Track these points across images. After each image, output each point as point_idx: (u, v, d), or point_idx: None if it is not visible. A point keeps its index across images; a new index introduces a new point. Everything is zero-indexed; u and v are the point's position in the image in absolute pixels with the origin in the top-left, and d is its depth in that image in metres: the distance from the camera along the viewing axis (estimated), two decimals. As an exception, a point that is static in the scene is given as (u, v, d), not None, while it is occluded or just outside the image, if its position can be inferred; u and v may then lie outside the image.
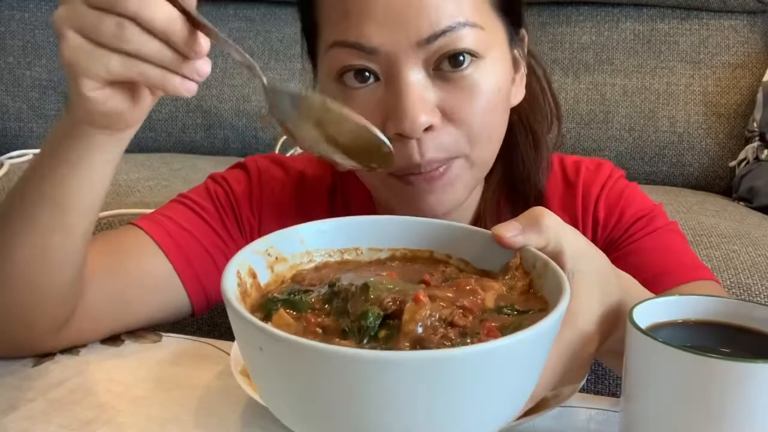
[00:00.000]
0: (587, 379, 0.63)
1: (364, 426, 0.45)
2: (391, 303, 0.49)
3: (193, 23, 0.53)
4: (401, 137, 0.69)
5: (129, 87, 0.58)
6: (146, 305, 0.78)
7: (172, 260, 0.78)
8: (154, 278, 0.78)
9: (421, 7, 0.67)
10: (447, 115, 0.70)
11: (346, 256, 0.61)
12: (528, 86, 0.83)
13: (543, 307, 0.51)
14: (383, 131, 0.69)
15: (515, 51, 0.78)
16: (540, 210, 0.55)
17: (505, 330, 0.49)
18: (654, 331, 0.49)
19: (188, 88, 0.56)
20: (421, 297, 0.49)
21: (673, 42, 1.87)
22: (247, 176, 0.88)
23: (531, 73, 0.84)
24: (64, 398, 0.66)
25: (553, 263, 0.53)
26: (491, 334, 0.48)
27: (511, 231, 0.55)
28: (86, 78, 0.54)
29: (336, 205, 0.88)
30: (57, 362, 0.73)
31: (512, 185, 0.85)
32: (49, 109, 2.22)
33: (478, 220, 0.84)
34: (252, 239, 0.86)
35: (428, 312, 0.48)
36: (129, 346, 0.77)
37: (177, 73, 0.55)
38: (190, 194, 0.86)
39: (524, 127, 0.84)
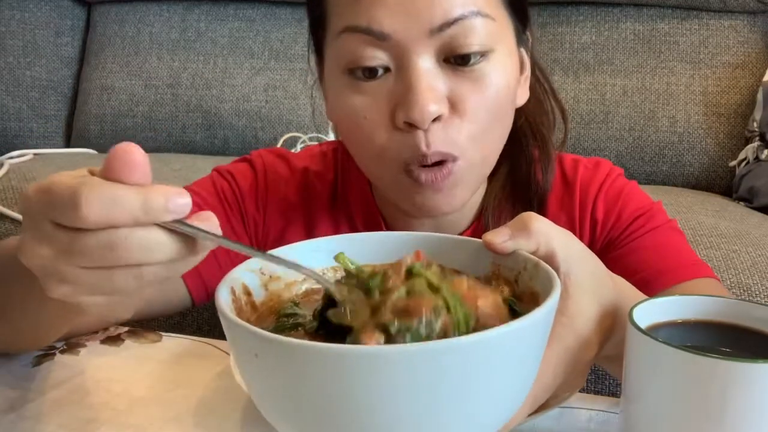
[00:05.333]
0: (587, 380, 0.63)
1: (363, 424, 0.45)
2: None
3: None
4: (410, 126, 0.69)
5: None
6: (149, 299, 0.78)
7: None
8: None
9: None
10: (455, 106, 0.70)
11: (339, 274, 0.61)
12: (532, 89, 0.83)
13: (536, 304, 0.52)
14: (393, 121, 0.70)
15: (521, 51, 0.79)
16: (529, 215, 0.56)
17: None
18: (654, 331, 0.49)
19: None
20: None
21: (673, 42, 1.87)
22: (253, 172, 0.88)
23: (534, 76, 0.85)
24: (64, 398, 0.66)
25: (543, 263, 0.53)
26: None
27: (500, 237, 0.55)
28: (127, 313, 0.50)
29: (337, 201, 0.88)
30: (57, 362, 0.73)
31: (515, 185, 0.85)
32: (49, 109, 2.22)
33: (480, 218, 0.85)
34: (257, 235, 0.87)
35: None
36: (129, 346, 0.77)
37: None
38: (195, 187, 0.86)
39: (531, 128, 0.84)
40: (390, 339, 0.47)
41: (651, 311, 0.52)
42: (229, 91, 2.05)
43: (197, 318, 1.32)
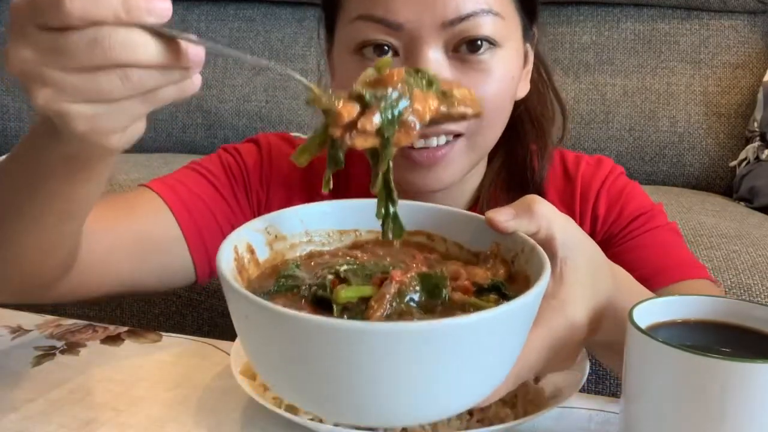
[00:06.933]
0: (587, 379, 0.63)
1: (343, 391, 0.46)
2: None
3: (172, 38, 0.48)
4: None
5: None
6: (153, 266, 0.79)
7: (181, 225, 0.80)
8: (162, 240, 0.79)
9: None
10: None
11: (345, 238, 0.62)
12: (534, 81, 0.85)
13: (527, 288, 0.52)
14: None
15: (527, 45, 0.81)
16: (533, 197, 0.56)
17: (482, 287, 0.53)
18: (654, 331, 0.49)
19: (197, 85, 0.53)
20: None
21: (674, 42, 1.87)
22: (259, 150, 0.89)
23: (537, 70, 0.86)
24: (64, 398, 0.66)
25: (539, 248, 0.54)
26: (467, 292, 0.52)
27: (503, 216, 0.55)
28: (114, 135, 0.49)
29: (339, 185, 0.89)
30: (57, 362, 0.73)
31: (511, 172, 0.86)
32: (49, 109, 2.22)
33: (475, 205, 0.86)
34: (259, 212, 0.88)
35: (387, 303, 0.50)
36: (129, 346, 0.77)
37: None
38: (203, 162, 0.87)
39: (531, 118, 0.86)
40: (365, 110, 0.49)
41: (651, 311, 0.52)
42: (229, 91, 2.05)
43: (197, 318, 1.32)
